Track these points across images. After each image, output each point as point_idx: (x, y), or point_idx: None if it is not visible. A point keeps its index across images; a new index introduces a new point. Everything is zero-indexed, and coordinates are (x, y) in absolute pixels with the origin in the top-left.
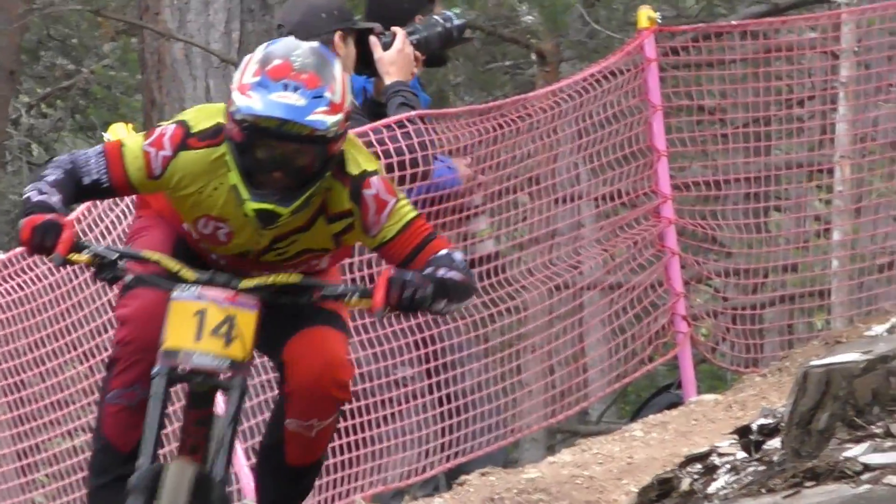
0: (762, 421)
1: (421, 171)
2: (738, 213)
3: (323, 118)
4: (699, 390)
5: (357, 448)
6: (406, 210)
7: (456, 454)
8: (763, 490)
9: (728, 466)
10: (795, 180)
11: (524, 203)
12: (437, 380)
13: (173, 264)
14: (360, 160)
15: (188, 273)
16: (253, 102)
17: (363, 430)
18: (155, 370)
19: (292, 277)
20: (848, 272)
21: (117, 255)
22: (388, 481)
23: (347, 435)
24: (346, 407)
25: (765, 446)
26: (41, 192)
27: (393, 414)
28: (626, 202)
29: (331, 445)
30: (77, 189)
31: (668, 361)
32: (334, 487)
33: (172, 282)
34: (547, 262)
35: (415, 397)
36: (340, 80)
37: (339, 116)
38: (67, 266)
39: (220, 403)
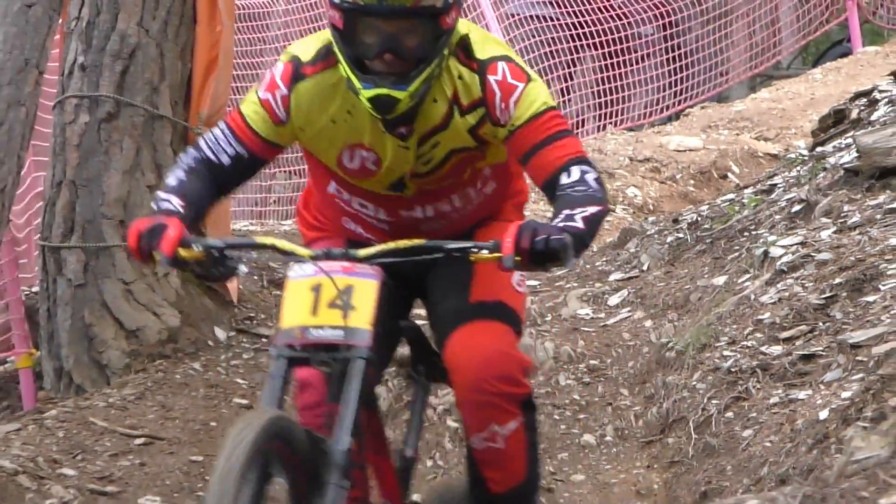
0: None
1: None
2: None
3: None
4: (864, 44)
5: (609, 94)
6: (539, 98)
7: (685, 98)
8: None
9: (886, 100)
10: None
11: None
12: (672, 43)
13: (286, 244)
14: (489, 46)
15: (303, 251)
16: None
17: (612, 81)
18: (273, 352)
19: (414, 241)
20: None
21: (225, 245)
22: (634, 119)
23: (602, 84)
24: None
25: None
26: (159, 201)
27: (635, 66)
28: None
29: (592, 90)
30: (215, 175)
31: (840, 23)
32: (597, 121)
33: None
34: None
35: (652, 54)
36: None
37: None
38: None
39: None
